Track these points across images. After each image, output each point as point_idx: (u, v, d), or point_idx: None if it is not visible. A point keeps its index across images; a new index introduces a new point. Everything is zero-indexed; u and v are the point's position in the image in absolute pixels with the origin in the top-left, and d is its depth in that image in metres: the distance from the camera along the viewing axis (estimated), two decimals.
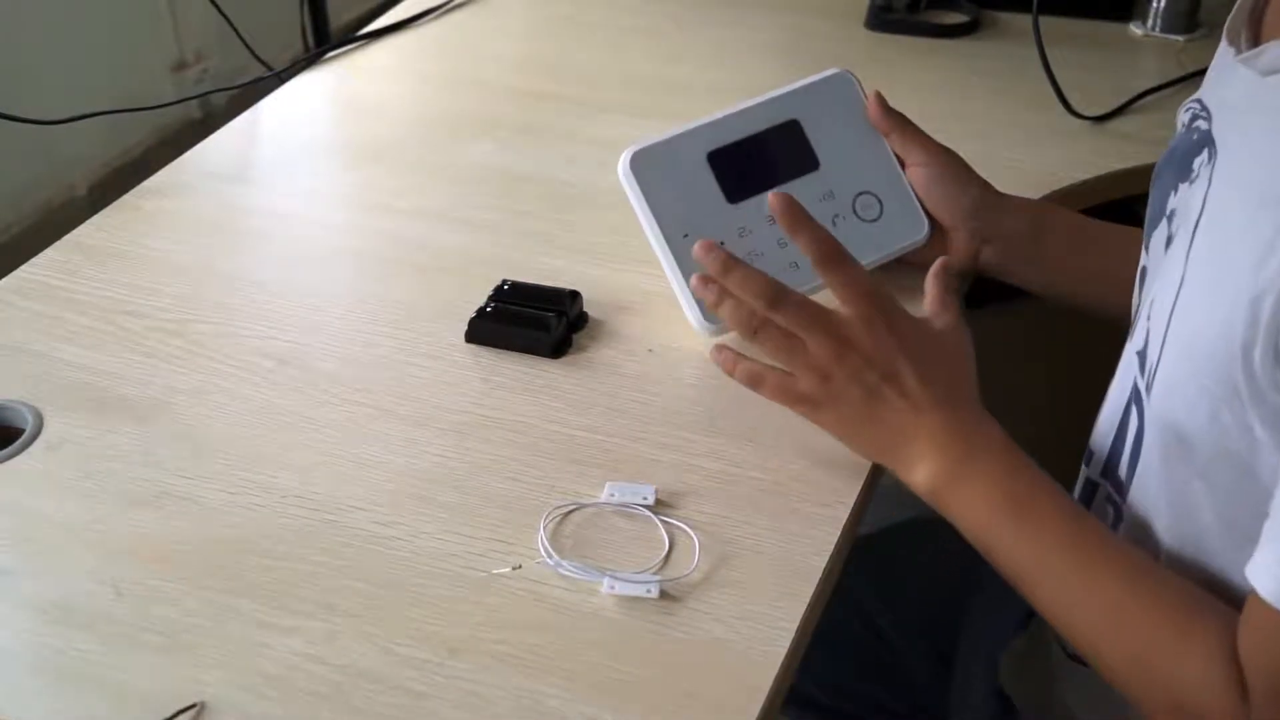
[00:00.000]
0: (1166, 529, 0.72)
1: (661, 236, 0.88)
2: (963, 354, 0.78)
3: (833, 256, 0.77)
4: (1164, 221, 0.74)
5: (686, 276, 0.88)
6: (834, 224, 0.90)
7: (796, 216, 0.78)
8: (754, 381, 0.78)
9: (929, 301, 0.80)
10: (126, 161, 1.19)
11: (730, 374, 0.79)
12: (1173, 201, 0.73)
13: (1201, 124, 0.73)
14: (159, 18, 1.22)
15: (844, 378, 0.75)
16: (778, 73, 1.09)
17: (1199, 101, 0.75)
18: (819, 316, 0.76)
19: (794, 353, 0.77)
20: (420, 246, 1.01)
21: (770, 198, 0.80)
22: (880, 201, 0.92)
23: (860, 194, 0.92)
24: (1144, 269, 0.78)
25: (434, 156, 1.14)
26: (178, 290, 0.95)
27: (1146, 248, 0.78)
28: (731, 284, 0.78)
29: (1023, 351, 1.31)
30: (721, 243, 0.88)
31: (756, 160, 0.91)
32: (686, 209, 0.89)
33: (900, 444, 0.75)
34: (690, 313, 0.88)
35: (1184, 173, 0.73)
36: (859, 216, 0.91)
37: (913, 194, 0.93)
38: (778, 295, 0.77)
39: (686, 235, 0.89)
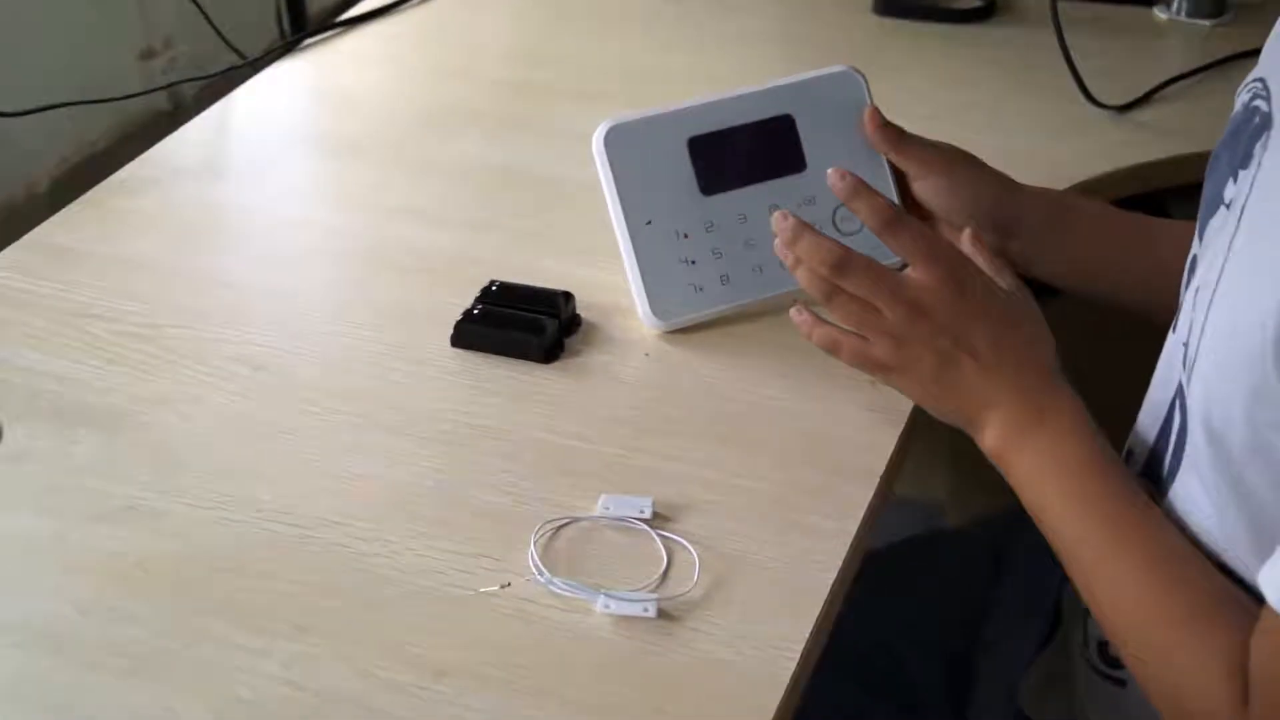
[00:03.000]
0: (1205, 530, 0.72)
1: (623, 219, 0.89)
2: (1035, 314, 0.81)
3: (894, 221, 0.80)
4: (1222, 209, 0.74)
5: (643, 264, 0.89)
6: None
7: (855, 183, 0.82)
8: (831, 346, 0.82)
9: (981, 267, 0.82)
10: (90, 156, 1.18)
11: (808, 338, 0.82)
12: (1230, 189, 0.74)
13: (1261, 104, 0.73)
14: (124, 3, 1.21)
15: (918, 344, 0.78)
16: (780, 61, 1.09)
17: (1260, 80, 0.75)
18: (888, 283, 0.79)
19: (867, 320, 0.80)
20: (403, 246, 1.01)
21: (830, 173, 0.83)
22: None
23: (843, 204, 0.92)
24: (1194, 258, 0.79)
25: (418, 150, 1.14)
26: (145, 292, 0.95)
27: (1200, 236, 0.78)
28: (800, 251, 0.80)
29: (1061, 347, 1.30)
30: (686, 235, 0.89)
31: (739, 153, 0.91)
32: (656, 194, 0.90)
33: (973, 410, 0.78)
34: (640, 303, 0.90)
35: (1241, 157, 0.73)
36: (838, 229, 0.91)
37: None
38: (843, 263, 0.79)
39: (650, 222, 0.90)
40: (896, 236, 0.80)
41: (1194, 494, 0.73)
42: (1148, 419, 0.80)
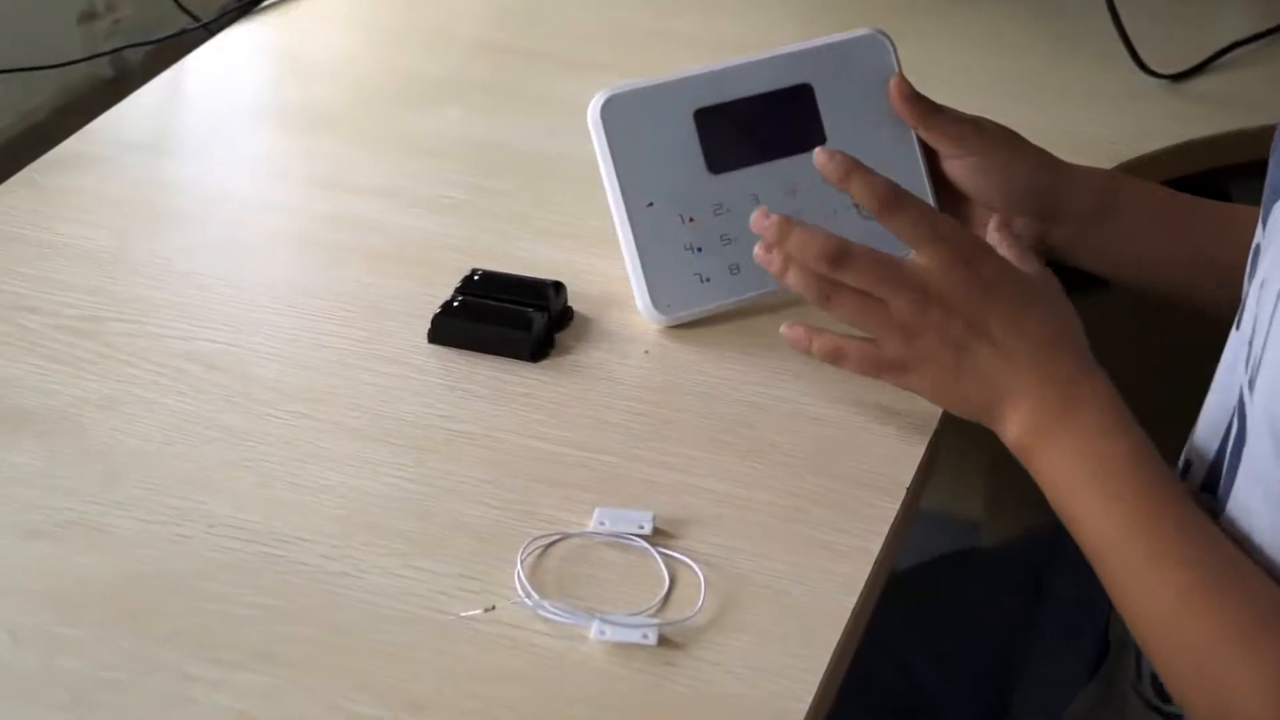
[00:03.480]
0: (1266, 544, 0.73)
1: (621, 200, 0.90)
2: (1058, 294, 0.82)
3: (893, 199, 0.80)
4: None
5: (643, 251, 0.89)
6: (828, 219, 0.90)
7: (847, 162, 0.82)
8: (835, 355, 0.82)
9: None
10: (24, 130, 1.18)
11: (806, 351, 0.83)
12: None
13: None
14: None
15: (930, 334, 0.79)
16: (798, 24, 1.09)
17: None
18: (892, 270, 0.80)
19: (872, 315, 0.80)
20: (375, 230, 1.01)
21: (817, 154, 0.83)
22: None
23: None
24: (1258, 247, 0.79)
25: (391, 124, 1.14)
26: (87, 283, 0.95)
27: (1263, 222, 0.78)
28: (792, 248, 0.81)
29: (1100, 351, 1.30)
30: (691, 219, 0.89)
31: (752, 126, 0.91)
32: (658, 172, 0.90)
33: (994, 400, 0.79)
34: (639, 295, 0.90)
35: None
36: (859, 212, 0.91)
37: (928, 190, 0.93)
38: (841, 253, 0.80)
39: (651, 204, 0.90)
40: (896, 217, 0.80)
41: (1255, 505, 0.74)
42: (1208, 425, 0.80)
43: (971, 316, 0.78)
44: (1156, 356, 0.98)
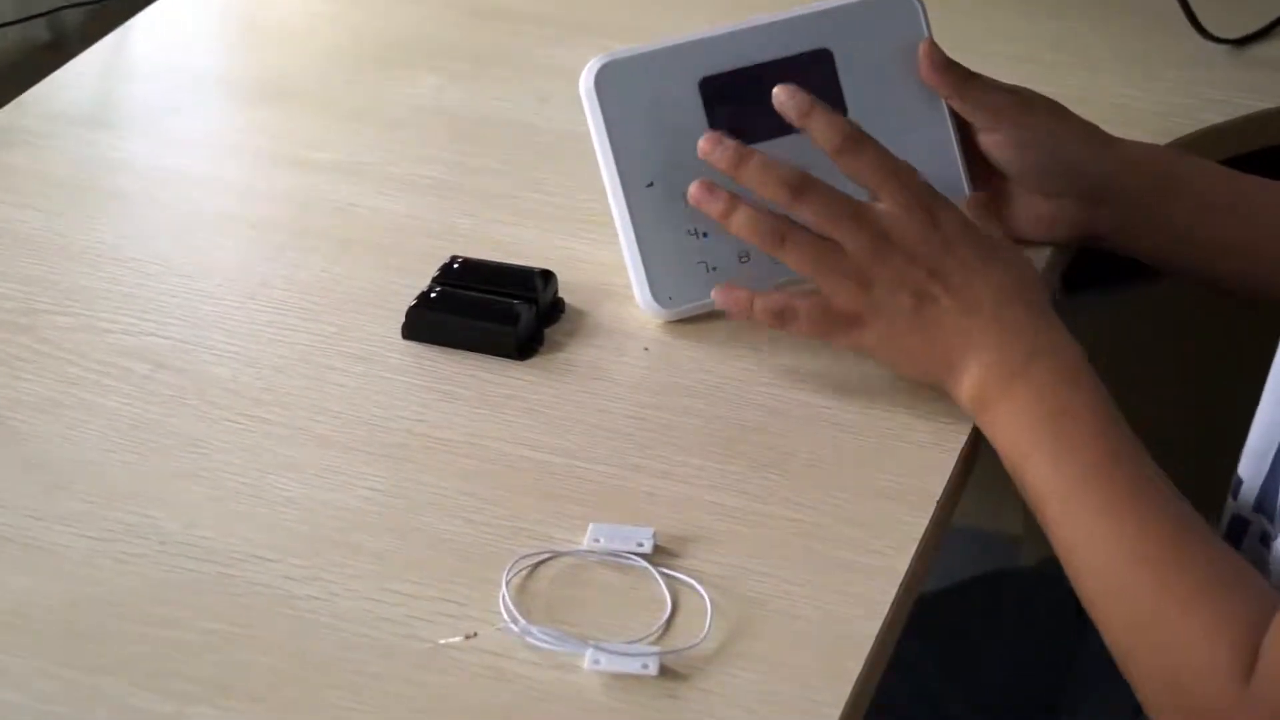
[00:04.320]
0: None
1: (618, 180, 0.90)
2: (1018, 252, 0.86)
3: (855, 139, 0.84)
4: None
5: (643, 237, 0.90)
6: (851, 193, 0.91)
7: (806, 101, 0.86)
8: (783, 314, 0.85)
9: None
10: None
11: (747, 315, 0.86)
12: None
13: None
14: None
15: (887, 282, 0.82)
16: None
17: None
18: (854, 209, 0.83)
19: (828, 260, 0.83)
20: (342, 213, 1.02)
21: (775, 91, 0.86)
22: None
23: None
24: None
25: (360, 95, 1.14)
26: (22, 272, 0.96)
27: None
28: (749, 177, 0.84)
29: (1148, 349, 1.31)
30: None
31: (764, 96, 0.91)
32: (659, 149, 0.90)
33: (954, 352, 0.82)
34: (638, 286, 0.91)
35: None
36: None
37: (961, 166, 0.94)
38: (805, 183, 0.84)
39: (652, 185, 0.90)
40: (858, 158, 0.84)
41: None
42: (1261, 438, 0.80)
43: (934, 264, 0.82)
44: (1211, 358, 0.98)
